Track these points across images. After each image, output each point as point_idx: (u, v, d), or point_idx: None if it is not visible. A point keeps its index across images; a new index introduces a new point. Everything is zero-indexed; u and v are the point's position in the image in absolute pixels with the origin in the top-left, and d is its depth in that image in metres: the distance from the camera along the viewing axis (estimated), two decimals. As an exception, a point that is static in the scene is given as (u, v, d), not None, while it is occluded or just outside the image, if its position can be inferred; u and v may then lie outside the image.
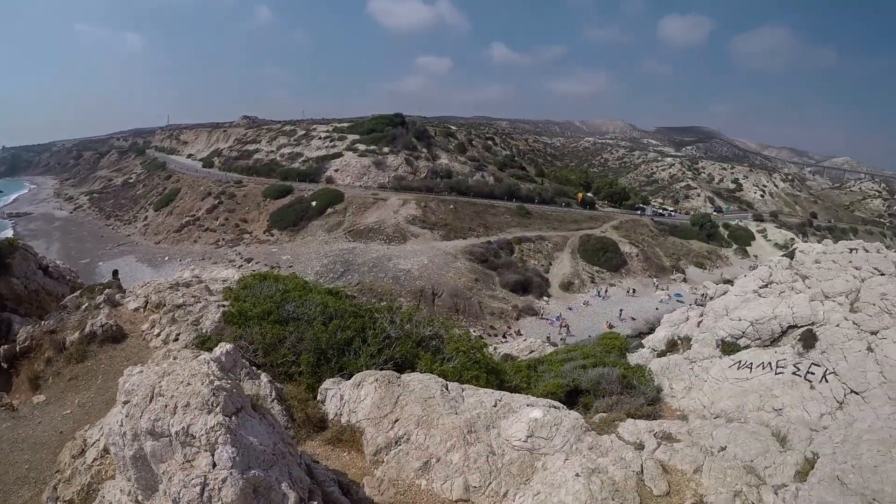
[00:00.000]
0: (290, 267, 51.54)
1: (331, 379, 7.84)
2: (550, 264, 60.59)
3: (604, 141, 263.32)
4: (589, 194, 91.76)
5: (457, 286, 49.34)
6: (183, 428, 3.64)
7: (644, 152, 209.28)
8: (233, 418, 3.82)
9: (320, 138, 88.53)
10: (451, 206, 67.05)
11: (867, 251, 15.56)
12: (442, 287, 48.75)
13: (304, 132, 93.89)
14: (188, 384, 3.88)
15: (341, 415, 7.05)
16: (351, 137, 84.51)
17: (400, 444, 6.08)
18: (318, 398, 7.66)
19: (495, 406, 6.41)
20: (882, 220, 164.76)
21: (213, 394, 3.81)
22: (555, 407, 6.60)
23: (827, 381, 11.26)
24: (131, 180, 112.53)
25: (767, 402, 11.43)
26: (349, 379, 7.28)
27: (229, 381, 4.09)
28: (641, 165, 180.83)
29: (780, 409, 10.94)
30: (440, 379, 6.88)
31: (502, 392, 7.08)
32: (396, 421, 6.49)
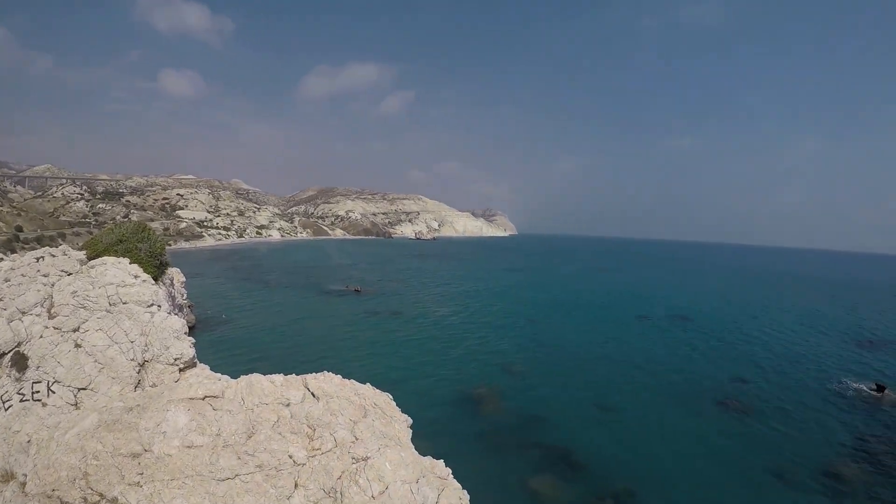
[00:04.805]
0: None
1: None
2: None
3: None
4: None
5: None
6: None
7: None
8: None
9: None
10: None
11: (54, 256, 15.47)
12: None
13: None
14: None
15: None
16: None
17: None
18: None
19: None
20: (87, 219, 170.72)
21: None
22: None
23: (54, 391, 11.51)
24: None
25: (14, 440, 10.90)
26: None
27: None
28: None
29: (29, 442, 10.66)
30: None
31: None
32: None
